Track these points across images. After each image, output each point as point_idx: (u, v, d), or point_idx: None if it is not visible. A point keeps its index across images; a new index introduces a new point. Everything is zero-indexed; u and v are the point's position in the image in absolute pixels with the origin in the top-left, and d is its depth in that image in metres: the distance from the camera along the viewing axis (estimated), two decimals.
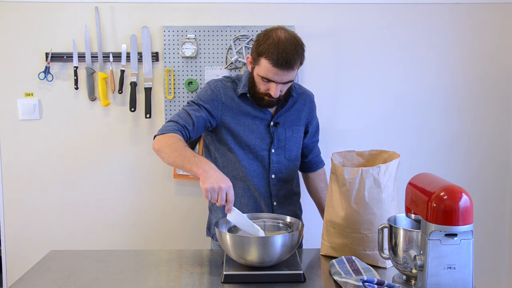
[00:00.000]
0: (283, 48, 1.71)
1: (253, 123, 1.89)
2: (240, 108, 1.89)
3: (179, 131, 1.74)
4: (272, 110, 1.92)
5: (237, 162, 1.90)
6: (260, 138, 1.90)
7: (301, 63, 1.79)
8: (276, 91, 1.77)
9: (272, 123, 1.91)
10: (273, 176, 1.92)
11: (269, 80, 1.76)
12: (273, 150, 1.91)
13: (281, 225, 1.67)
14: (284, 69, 1.73)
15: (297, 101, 1.98)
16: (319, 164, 2.17)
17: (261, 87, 1.80)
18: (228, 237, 1.50)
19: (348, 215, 1.64)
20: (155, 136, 1.75)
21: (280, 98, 1.85)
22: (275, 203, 1.93)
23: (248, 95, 1.88)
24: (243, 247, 1.48)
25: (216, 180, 1.51)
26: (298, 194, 2.08)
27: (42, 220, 2.55)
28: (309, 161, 2.12)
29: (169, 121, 1.80)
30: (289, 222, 1.67)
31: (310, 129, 2.05)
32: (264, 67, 1.74)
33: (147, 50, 2.46)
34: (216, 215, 1.98)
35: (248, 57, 1.85)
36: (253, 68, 1.82)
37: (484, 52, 2.56)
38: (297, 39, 1.78)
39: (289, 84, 1.82)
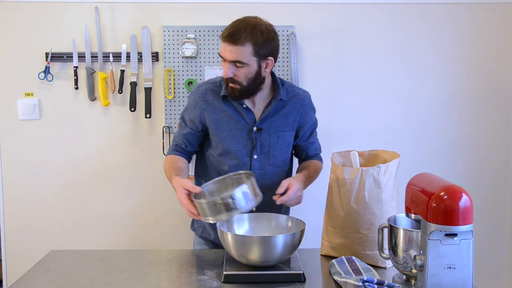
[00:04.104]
0: (234, 23, 1.74)
1: (235, 129, 1.85)
2: (222, 113, 1.86)
3: (175, 151, 1.93)
4: (256, 114, 1.86)
5: (221, 166, 1.89)
6: (242, 144, 1.85)
7: (255, 44, 1.71)
8: (226, 70, 1.75)
9: (255, 129, 1.85)
10: None
11: (223, 60, 1.76)
12: (255, 156, 1.85)
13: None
14: (228, 42, 1.71)
15: (285, 105, 1.88)
16: (315, 158, 2.01)
17: (223, 72, 1.79)
18: (229, 236, 1.50)
19: (348, 215, 1.64)
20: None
21: (242, 87, 1.77)
22: (254, 209, 1.82)
23: (229, 97, 1.85)
24: (245, 246, 1.49)
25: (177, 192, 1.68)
26: (283, 211, 1.91)
27: (42, 220, 2.55)
28: (304, 159, 2.02)
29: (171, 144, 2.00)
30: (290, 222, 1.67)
31: (302, 132, 1.93)
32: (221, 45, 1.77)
33: (147, 50, 2.46)
34: None
35: None
36: None
37: (484, 52, 2.57)
38: (258, 22, 1.75)
39: (243, 69, 1.74)
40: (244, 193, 1.56)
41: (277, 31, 1.81)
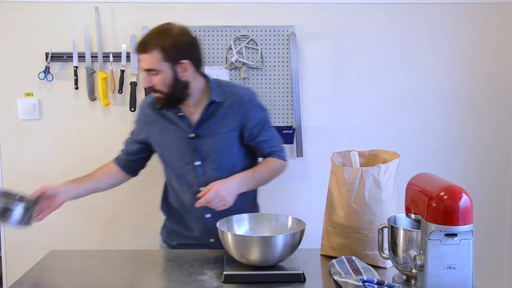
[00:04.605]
0: (146, 33, 1.75)
1: (173, 138, 1.85)
2: (161, 124, 1.87)
3: (115, 158, 2.03)
4: (193, 120, 1.83)
5: (170, 178, 1.92)
6: (183, 152, 1.84)
7: (164, 49, 1.70)
8: (143, 80, 1.76)
9: (192, 135, 1.82)
10: (201, 189, 1.78)
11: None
12: (198, 162, 1.83)
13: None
14: (138, 52, 1.73)
15: (222, 106, 1.83)
16: (272, 156, 1.92)
17: (141, 83, 1.81)
18: (229, 236, 1.50)
19: (348, 215, 1.64)
20: None
21: (165, 95, 1.76)
22: (208, 216, 1.86)
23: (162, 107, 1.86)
24: (245, 246, 1.49)
25: None
26: (244, 205, 1.86)
27: (42, 220, 2.54)
28: (263, 158, 1.95)
29: None
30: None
31: (248, 132, 1.85)
32: None
33: None
34: (171, 220, 2.01)
35: None
36: None
37: (484, 52, 2.56)
38: (167, 27, 1.74)
39: (158, 76, 1.73)
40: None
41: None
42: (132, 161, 1.99)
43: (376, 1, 2.50)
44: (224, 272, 1.50)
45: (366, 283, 1.35)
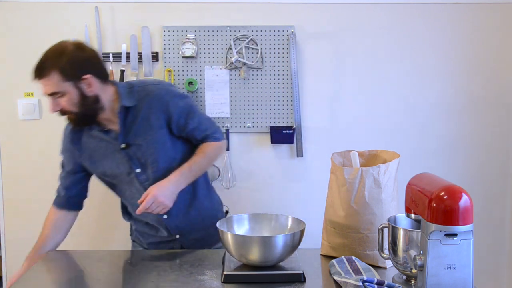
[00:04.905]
0: (40, 58, 1.66)
1: (107, 154, 1.80)
2: (90, 145, 1.82)
3: (55, 203, 1.92)
4: (117, 132, 1.78)
5: (120, 192, 1.89)
6: (120, 164, 1.80)
7: (61, 70, 1.63)
8: (49, 105, 1.68)
9: (123, 145, 1.78)
10: None
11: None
12: (138, 170, 1.80)
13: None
14: (36, 78, 1.66)
15: (141, 109, 1.77)
16: (207, 140, 1.89)
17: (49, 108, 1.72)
18: (229, 236, 1.50)
19: (348, 215, 1.64)
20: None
21: (77, 114, 1.71)
22: (165, 216, 1.85)
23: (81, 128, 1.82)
24: (245, 246, 1.49)
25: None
26: (196, 200, 1.90)
27: (42, 220, 2.53)
28: (198, 144, 1.91)
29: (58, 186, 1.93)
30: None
31: (175, 124, 1.81)
32: None
33: (147, 50, 2.46)
34: (137, 224, 1.98)
35: None
36: None
37: (485, 52, 2.57)
38: (60, 46, 1.68)
39: (64, 98, 1.66)
40: None
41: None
42: (73, 196, 1.91)
43: (376, 1, 2.50)
44: (224, 272, 1.50)
45: (366, 283, 1.35)
